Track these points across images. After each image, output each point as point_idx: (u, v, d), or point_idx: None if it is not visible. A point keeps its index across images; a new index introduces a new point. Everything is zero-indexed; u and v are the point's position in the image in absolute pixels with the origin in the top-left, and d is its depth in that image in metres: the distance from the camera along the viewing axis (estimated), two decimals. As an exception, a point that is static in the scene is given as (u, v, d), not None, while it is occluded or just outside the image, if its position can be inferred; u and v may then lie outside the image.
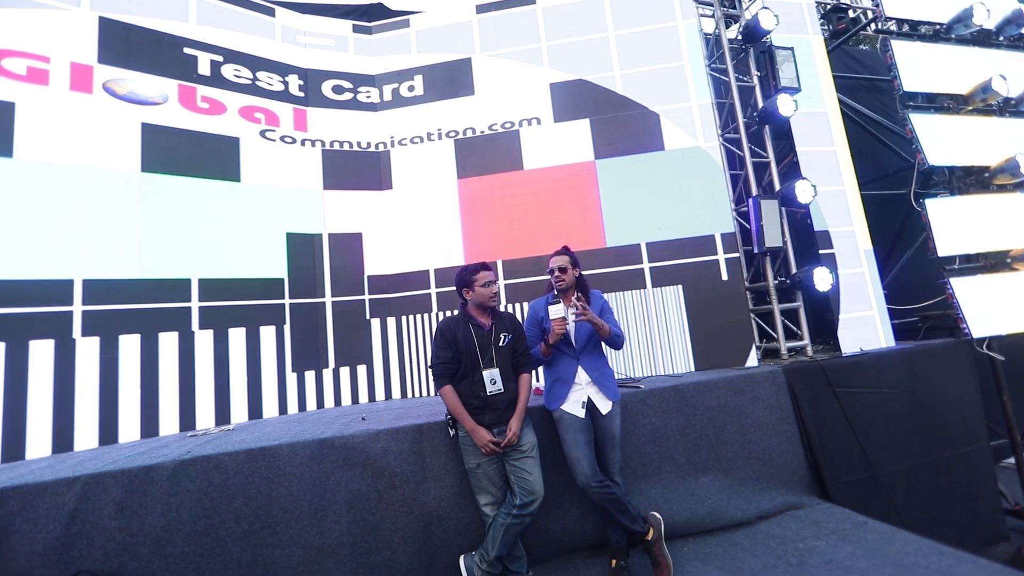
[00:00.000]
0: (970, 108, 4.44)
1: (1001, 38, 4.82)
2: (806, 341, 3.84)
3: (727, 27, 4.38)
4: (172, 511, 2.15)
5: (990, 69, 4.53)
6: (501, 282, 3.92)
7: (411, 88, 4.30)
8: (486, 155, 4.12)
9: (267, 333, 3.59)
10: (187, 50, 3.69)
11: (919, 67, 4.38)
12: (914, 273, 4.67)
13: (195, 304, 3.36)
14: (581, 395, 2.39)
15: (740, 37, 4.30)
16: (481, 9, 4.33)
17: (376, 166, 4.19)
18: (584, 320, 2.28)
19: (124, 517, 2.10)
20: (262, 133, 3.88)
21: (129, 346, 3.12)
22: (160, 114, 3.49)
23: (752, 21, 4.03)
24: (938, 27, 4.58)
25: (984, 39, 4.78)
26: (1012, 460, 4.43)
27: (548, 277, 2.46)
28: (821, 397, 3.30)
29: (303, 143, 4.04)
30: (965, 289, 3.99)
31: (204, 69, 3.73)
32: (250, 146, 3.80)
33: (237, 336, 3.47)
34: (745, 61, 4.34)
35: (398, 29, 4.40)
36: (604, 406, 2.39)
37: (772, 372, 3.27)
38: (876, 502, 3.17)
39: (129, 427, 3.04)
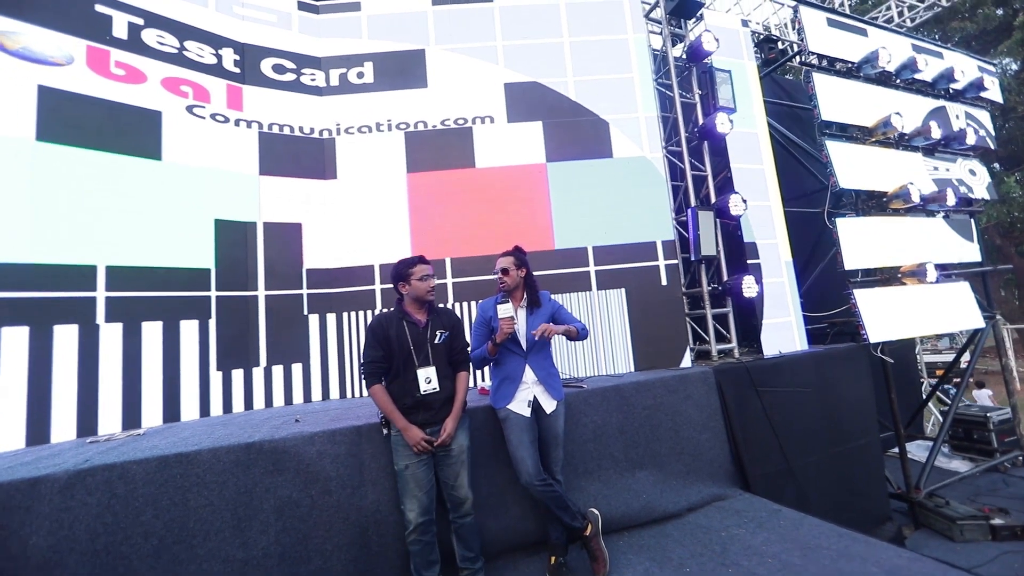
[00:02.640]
0: (873, 139, 5.03)
1: (899, 80, 5.50)
2: (734, 344, 4.15)
3: (673, 45, 4.62)
4: (64, 528, 1.89)
5: (890, 107, 5.16)
6: (449, 280, 3.86)
7: (360, 75, 4.11)
8: (437, 150, 4.04)
9: (188, 328, 3.27)
10: (100, 8, 3.27)
11: (835, 99, 4.89)
12: (825, 284, 5.20)
13: (100, 294, 2.99)
14: (528, 394, 2.41)
15: (684, 56, 4.56)
16: (437, 1, 4.23)
17: (319, 153, 3.96)
18: (549, 336, 2.29)
19: None
20: (189, 109, 3.53)
21: (14, 339, 2.70)
22: (62, 77, 3.06)
23: (696, 42, 4.28)
24: (850, 65, 5.13)
25: (886, 80, 5.44)
26: (895, 450, 5.08)
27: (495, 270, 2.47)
28: (745, 396, 3.57)
29: (237, 123, 3.73)
30: (865, 299, 4.50)
31: (120, 31, 3.33)
32: (174, 122, 3.44)
33: (152, 331, 3.13)
34: (688, 79, 4.61)
35: (348, 12, 4.19)
36: (549, 405, 2.43)
37: (703, 372, 3.49)
38: (790, 492, 3.48)
39: (11, 432, 2.64)
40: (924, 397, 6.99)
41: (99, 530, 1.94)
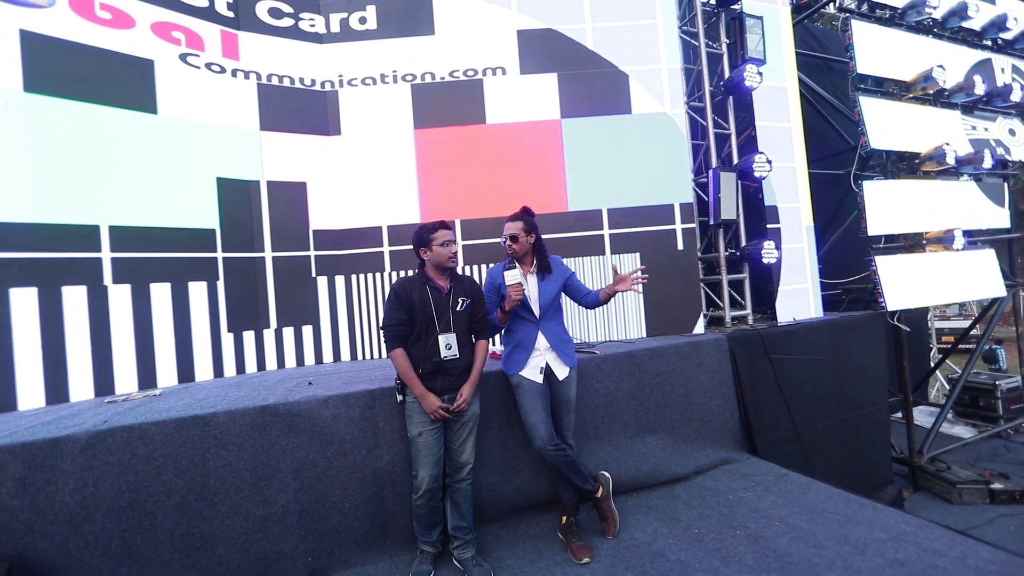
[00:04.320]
0: (911, 95, 4.69)
1: (945, 29, 5.06)
2: (748, 311, 4.08)
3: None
4: (88, 486, 1.93)
5: (931, 59, 4.78)
6: (459, 242, 3.76)
7: (363, 20, 3.83)
8: (446, 104, 3.82)
9: (197, 289, 3.24)
10: (78, -59, 3.01)
11: (873, 50, 4.52)
12: (843, 249, 5.04)
13: (106, 255, 2.93)
14: (540, 361, 2.38)
15: (714, 1, 4.18)
16: (444, -65, 3.86)
17: (322, 107, 3.76)
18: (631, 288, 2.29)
19: (28, 495, 1.86)
20: (182, 57, 3.32)
21: (24, 300, 2.68)
22: (45, 21, 2.86)
23: (727, -17, 3.91)
24: (894, 11, 4.70)
25: (929, 28, 5.00)
26: (899, 415, 5.11)
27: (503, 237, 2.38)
28: (758, 363, 3.54)
29: (234, 73, 3.52)
30: (886, 266, 4.37)
31: (103, -31, 3.07)
32: (168, 71, 3.25)
33: (161, 292, 3.10)
34: (716, 26, 4.25)
35: (347, -53, 3.84)
36: (561, 372, 2.41)
37: (717, 339, 3.45)
38: (797, 457, 3.52)
39: (32, 391, 2.67)
40: (932, 364, 6.97)
41: (122, 487, 1.98)
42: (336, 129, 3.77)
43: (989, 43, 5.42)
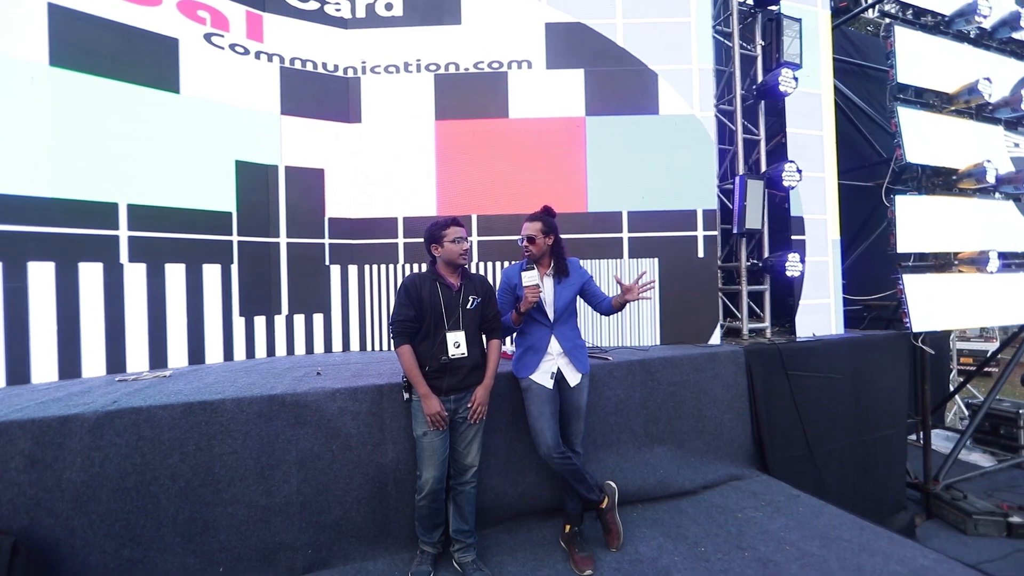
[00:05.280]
0: (953, 108, 4.49)
1: (993, 40, 4.83)
2: (767, 324, 3.96)
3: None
4: (95, 466, 1.94)
5: (976, 70, 4.56)
6: (475, 238, 3.70)
7: (388, 7, 3.76)
8: (469, 96, 3.74)
9: (211, 272, 3.23)
10: (109, -85, 2.98)
11: (916, 58, 4.32)
12: (868, 264, 4.88)
13: (123, 233, 2.93)
14: (551, 366, 2.33)
15: (752, 0, 4.02)
16: (476, -78, 3.76)
17: (343, 94, 3.72)
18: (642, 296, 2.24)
19: (36, 471, 1.87)
20: (207, 37, 3.29)
21: (41, 274, 2.70)
22: (73, -6, 2.84)
23: (767, -18, 3.76)
24: (940, 18, 4.48)
25: (978, 38, 4.77)
26: (912, 437, 4.96)
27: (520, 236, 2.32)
28: (774, 378, 3.44)
29: (258, 56, 3.48)
30: (914, 285, 4.21)
31: (131, -56, 3.05)
32: (192, 51, 3.22)
33: (175, 273, 3.10)
34: (751, 27, 4.10)
35: (377, -69, 3.77)
36: (573, 378, 2.35)
37: (734, 352, 3.35)
38: (809, 477, 3.43)
39: (45, 365, 2.69)
40: (952, 387, 6.76)
41: (128, 469, 1.98)
42: (356, 117, 3.72)
43: (1039, 56, 5.16)
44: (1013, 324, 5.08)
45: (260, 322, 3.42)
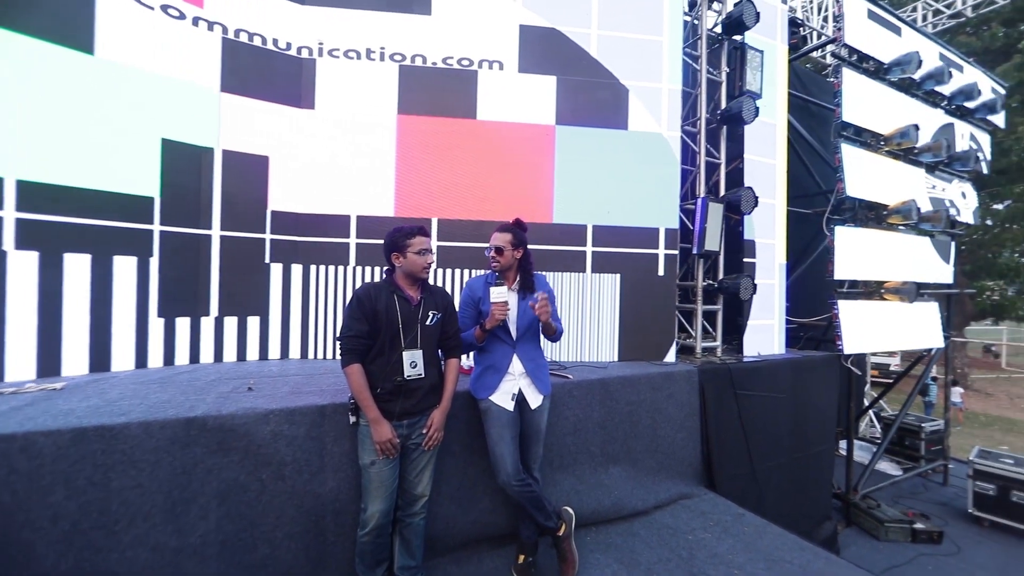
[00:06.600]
0: (886, 149, 4.87)
1: (920, 90, 5.31)
2: (718, 342, 4.08)
3: (708, 6, 4.15)
4: (-56, 508, 1.55)
5: (906, 116, 4.99)
6: (434, 243, 3.49)
7: (352, -15, 3.46)
8: (435, 92, 3.53)
9: (124, 265, 2.79)
10: None
11: (859, 100, 4.65)
12: (804, 288, 5.20)
13: (9, 214, 2.45)
14: (512, 386, 2.21)
15: (720, 28, 4.13)
16: (452, -92, 3.56)
17: (296, 75, 3.37)
18: (543, 315, 2.04)
19: None
20: (133, -7, 2.84)
21: None
22: (-45, -80, 2.33)
23: (735, 12, 3.86)
24: (880, 65, 4.86)
25: (908, 87, 5.23)
26: (838, 451, 5.35)
27: (488, 246, 2.18)
28: (724, 398, 3.53)
29: (196, 22, 3.07)
30: (847, 310, 4.51)
31: None
32: (112, 6, 2.77)
33: (78, 264, 2.64)
34: (718, 53, 4.21)
35: (343, -99, 3.46)
36: (535, 400, 2.24)
37: (689, 371, 3.40)
38: (751, 493, 3.55)
39: None
40: (867, 401, 7.41)
41: (-8, 511, 1.61)
42: (310, 102, 3.39)
43: (955, 108, 5.75)
44: (922, 348, 5.62)
45: (183, 324, 3.01)
